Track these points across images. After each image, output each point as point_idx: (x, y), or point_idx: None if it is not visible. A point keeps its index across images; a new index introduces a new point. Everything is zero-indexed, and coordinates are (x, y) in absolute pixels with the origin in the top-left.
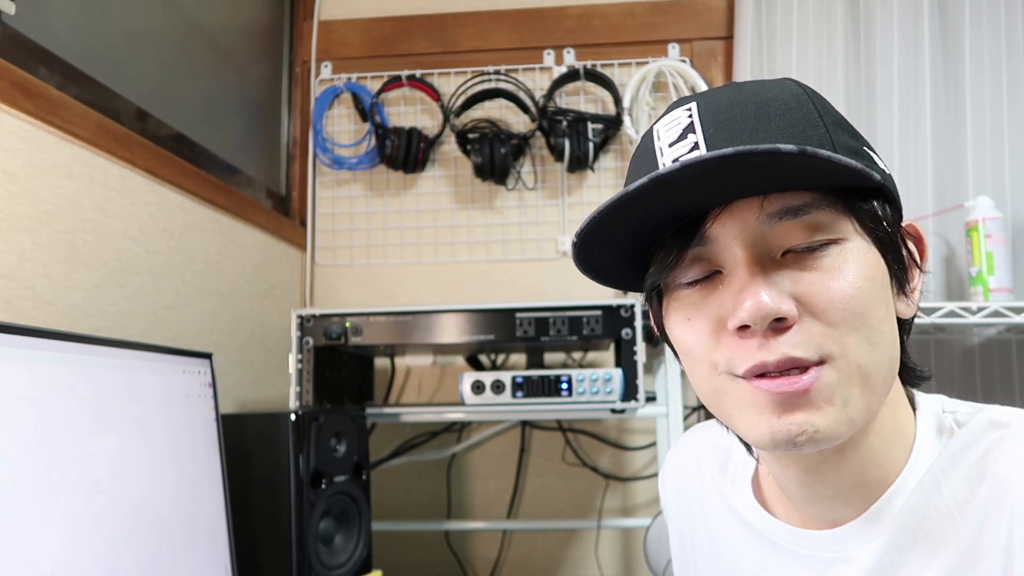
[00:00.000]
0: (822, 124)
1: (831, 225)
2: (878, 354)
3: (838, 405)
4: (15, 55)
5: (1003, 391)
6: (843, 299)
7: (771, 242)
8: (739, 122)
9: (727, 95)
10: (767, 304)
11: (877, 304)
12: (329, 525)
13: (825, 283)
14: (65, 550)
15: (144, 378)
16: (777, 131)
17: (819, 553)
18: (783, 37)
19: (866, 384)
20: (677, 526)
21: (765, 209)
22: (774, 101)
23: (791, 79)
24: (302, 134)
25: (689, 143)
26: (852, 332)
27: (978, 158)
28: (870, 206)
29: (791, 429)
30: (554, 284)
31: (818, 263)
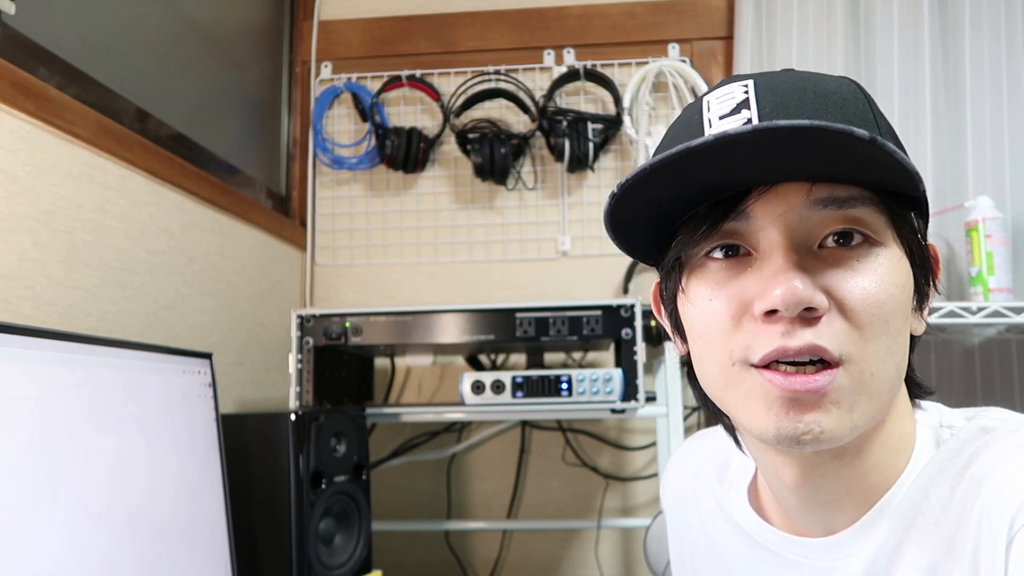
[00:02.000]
0: (875, 124)
1: (872, 225)
2: (890, 364)
3: (845, 409)
4: (15, 55)
5: (1003, 391)
6: (873, 303)
7: (811, 230)
8: (797, 105)
9: (786, 79)
10: (800, 291)
11: (900, 315)
12: (329, 525)
13: (859, 283)
14: (65, 550)
15: (144, 378)
16: (834, 120)
17: (813, 561)
18: (783, 37)
19: (874, 393)
20: (676, 532)
21: (812, 195)
22: (833, 93)
23: (848, 78)
24: (302, 134)
25: (742, 118)
26: (874, 338)
27: (978, 158)
28: (909, 215)
29: (798, 427)
30: (554, 284)
31: (853, 262)
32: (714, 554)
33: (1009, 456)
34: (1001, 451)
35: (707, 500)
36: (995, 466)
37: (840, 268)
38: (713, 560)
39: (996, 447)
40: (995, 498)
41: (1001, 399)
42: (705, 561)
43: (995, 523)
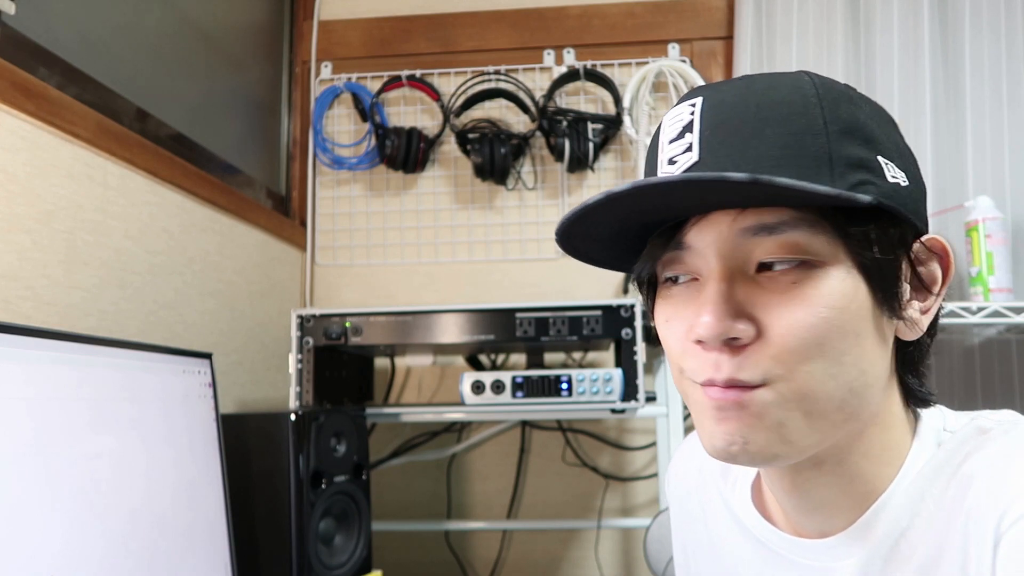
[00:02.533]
0: (824, 133)
1: (808, 246)
2: (833, 385)
3: (770, 425)
4: (15, 55)
5: (1003, 391)
6: (802, 328)
7: (745, 256)
8: (736, 127)
9: (734, 92)
10: (716, 325)
11: (843, 335)
12: (329, 525)
13: (788, 308)
14: (64, 550)
15: (144, 378)
16: (772, 139)
17: (811, 562)
18: (783, 37)
19: (811, 412)
20: (679, 527)
21: (739, 223)
22: (779, 104)
23: (808, 73)
24: (302, 134)
25: (685, 143)
26: (805, 361)
27: (978, 158)
28: (859, 229)
29: (725, 438)
30: (554, 284)
31: (785, 286)
32: (715, 550)
33: (999, 456)
34: (992, 451)
35: (711, 496)
36: (985, 466)
37: (773, 294)
38: (714, 557)
39: (989, 447)
40: (983, 498)
41: (1001, 399)
42: (706, 557)
43: (983, 524)
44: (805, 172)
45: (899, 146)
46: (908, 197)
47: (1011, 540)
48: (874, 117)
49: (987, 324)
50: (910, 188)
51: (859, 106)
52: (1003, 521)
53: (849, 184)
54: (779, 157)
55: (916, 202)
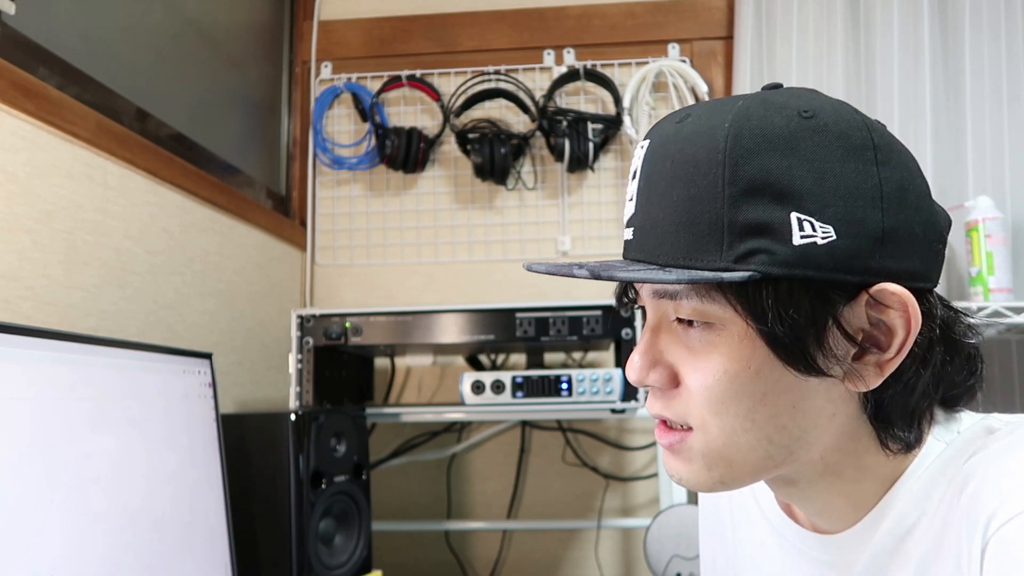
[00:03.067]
0: (722, 197)
1: (705, 312)
2: (749, 438)
3: (700, 467)
4: (15, 55)
5: (1003, 391)
6: (703, 387)
7: (664, 311)
8: (656, 184)
9: (663, 142)
10: (636, 373)
11: (743, 394)
12: (329, 525)
13: (693, 365)
14: (64, 550)
15: (143, 378)
16: (675, 203)
17: (822, 555)
18: (783, 37)
19: (730, 460)
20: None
21: (649, 286)
22: (687, 161)
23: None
24: (302, 134)
25: (632, 190)
26: (715, 415)
27: (978, 158)
28: (750, 300)
29: (668, 471)
30: (554, 284)
31: (694, 343)
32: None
33: (997, 456)
34: (992, 452)
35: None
36: (981, 466)
37: (684, 348)
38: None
39: (990, 448)
40: (974, 500)
41: (1001, 399)
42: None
43: (973, 526)
44: (697, 240)
45: (841, 189)
46: (830, 255)
47: (997, 544)
48: (813, 157)
49: (987, 324)
50: (836, 243)
51: (789, 149)
52: (992, 522)
53: (736, 255)
54: (677, 223)
55: (851, 256)
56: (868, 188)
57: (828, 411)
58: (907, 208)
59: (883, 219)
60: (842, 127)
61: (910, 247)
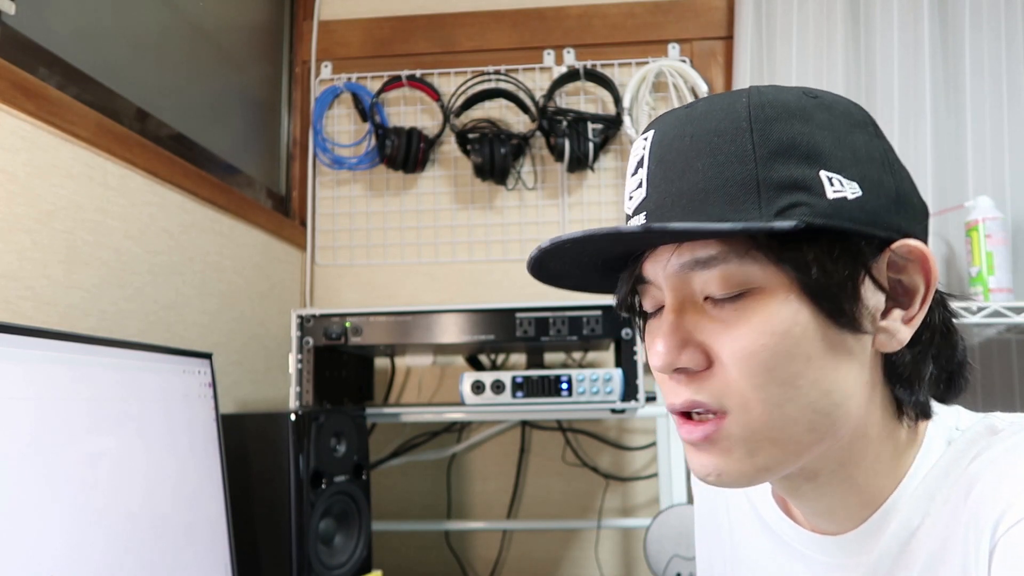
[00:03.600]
0: (752, 159)
1: (743, 276)
2: (794, 408)
3: (740, 455)
4: (15, 55)
5: (1003, 391)
6: (748, 355)
7: (691, 287)
8: (673, 161)
9: (677, 123)
10: (665, 355)
11: (790, 359)
12: (329, 525)
13: (732, 337)
14: (64, 550)
15: (144, 378)
16: (701, 172)
17: (825, 557)
18: (783, 37)
19: (779, 439)
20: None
21: (677, 259)
22: (709, 133)
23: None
24: (302, 134)
25: (637, 180)
26: (756, 389)
27: (978, 158)
28: (794, 253)
29: (700, 469)
30: None
31: (729, 315)
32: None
33: (1002, 459)
34: (997, 452)
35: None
36: (987, 468)
37: (718, 323)
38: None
39: (995, 448)
40: (981, 502)
41: (1001, 399)
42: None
43: (981, 527)
44: (731, 201)
45: (858, 152)
46: (860, 209)
47: (1006, 546)
48: (829, 125)
49: (987, 324)
50: (863, 199)
51: (806, 118)
52: (999, 526)
53: (776, 208)
54: (707, 189)
55: (876, 210)
56: (877, 154)
57: (861, 377)
58: (905, 179)
59: (893, 182)
60: (843, 106)
61: (913, 212)
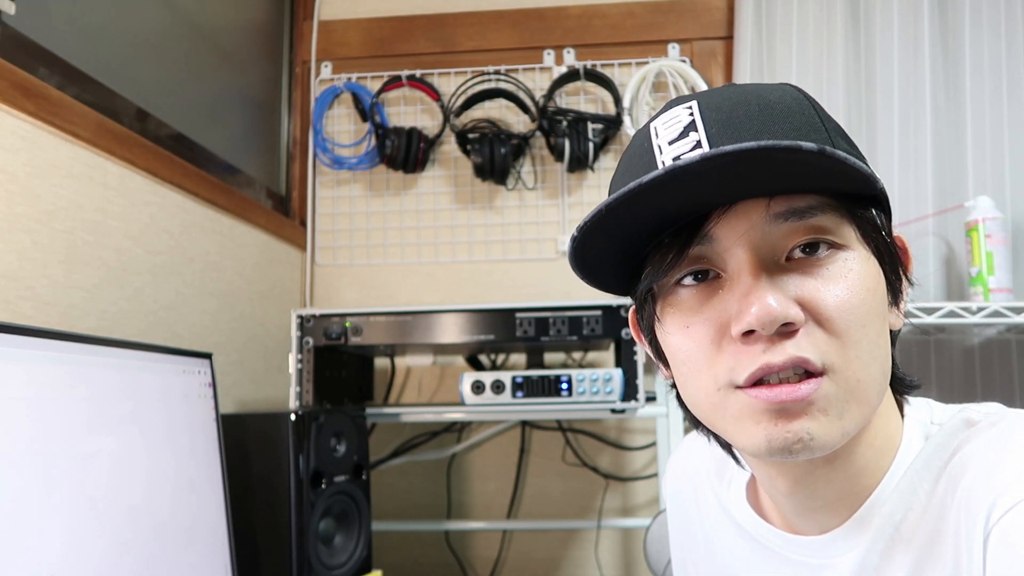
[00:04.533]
0: (824, 129)
1: (835, 230)
2: (874, 368)
3: (833, 416)
4: (15, 55)
5: (1003, 391)
6: (848, 309)
7: (775, 244)
8: (743, 121)
9: (728, 95)
10: (775, 308)
11: (876, 316)
12: (329, 525)
13: (831, 290)
14: (64, 550)
15: (143, 378)
16: (782, 132)
17: (807, 559)
18: (783, 37)
19: (862, 398)
20: (676, 527)
21: (771, 209)
22: (777, 103)
23: (790, 84)
24: (302, 134)
25: (691, 141)
26: (853, 344)
27: (978, 158)
28: (871, 215)
29: (787, 436)
30: (554, 284)
31: (822, 270)
32: (711, 549)
33: (987, 449)
34: (980, 444)
35: (707, 496)
36: (973, 459)
37: (811, 278)
38: (710, 555)
39: (976, 440)
40: (972, 492)
41: (1001, 399)
42: (702, 556)
43: (972, 518)
44: None
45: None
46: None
47: (1000, 532)
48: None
49: (987, 324)
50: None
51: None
52: (992, 513)
53: None
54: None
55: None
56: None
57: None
58: None
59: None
60: None
61: None
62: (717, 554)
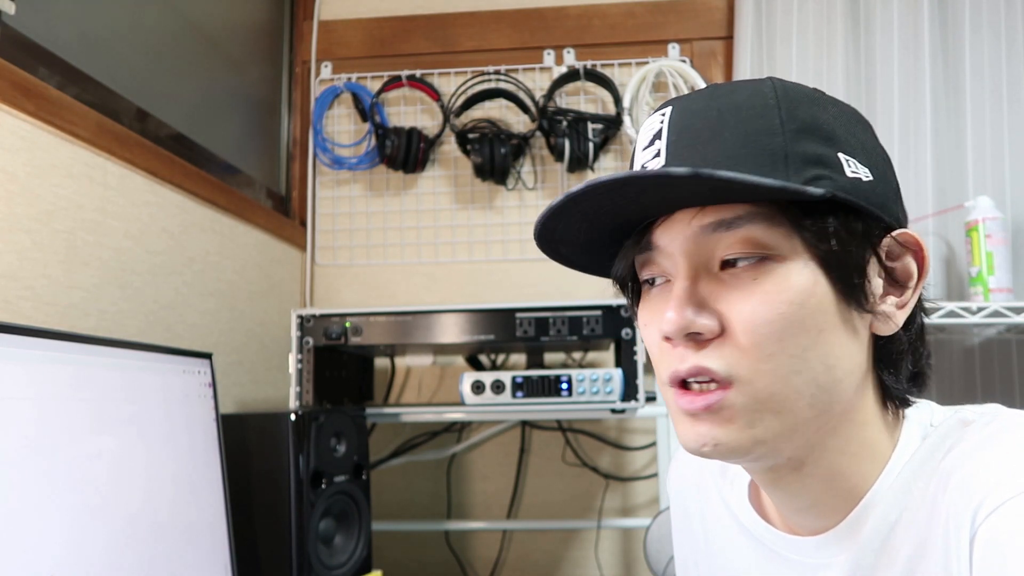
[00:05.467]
0: (781, 132)
1: (766, 240)
2: (799, 381)
3: (741, 425)
4: (15, 55)
5: (1003, 391)
6: (761, 323)
7: (708, 253)
8: (698, 131)
9: (701, 99)
10: (680, 319)
11: (802, 330)
12: (329, 525)
13: (747, 303)
14: (64, 550)
15: (143, 378)
16: (729, 140)
17: (804, 558)
18: (783, 37)
19: (780, 410)
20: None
21: (700, 220)
22: (738, 108)
23: (773, 79)
24: (302, 134)
25: (654, 150)
26: (766, 358)
27: (978, 158)
28: (815, 222)
29: (697, 439)
30: (554, 284)
31: (746, 282)
32: (713, 547)
33: (977, 449)
34: (971, 444)
35: (710, 494)
36: (963, 459)
37: (733, 290)
38: (711, 553)
39: (969, 440)
40: (960, 492)
41: (1001, 399)
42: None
43: (960, 518)
44: (760, 168)
45: (865, 145)
46: (872, 192)
47: (986, 533)
48: (840, 118)
49: (987, 324)
50: (874, 184)
51: (823, 107)
52: (978, 514)
53: (803, 179)
54: (735, 156)
55: (883, 197)
56: (880, 150)
57: (859, 356)
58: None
59: (894, 177)
60: (848, 107)
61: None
62: (718, 552)
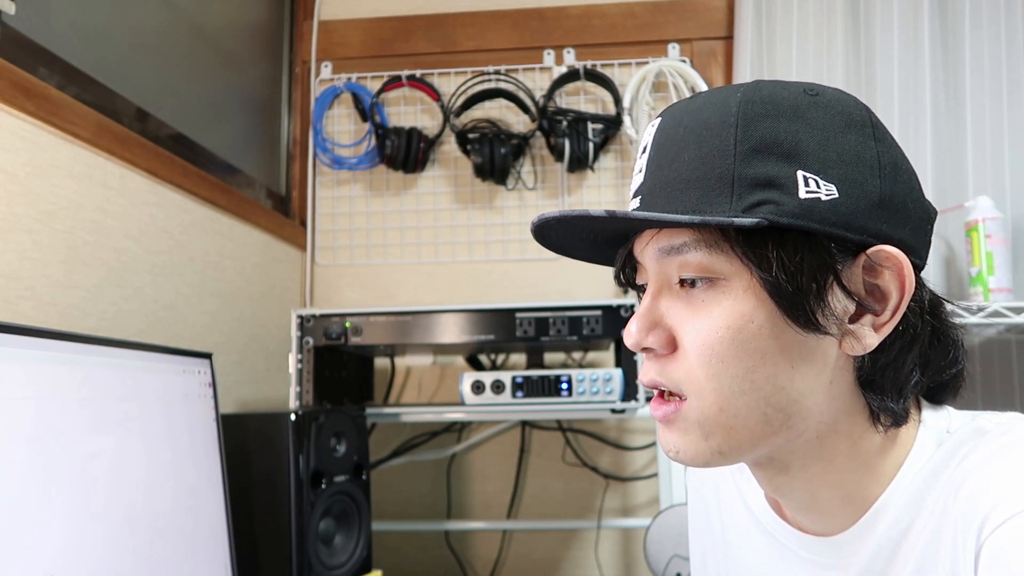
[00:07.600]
0: (732, 154)
1: (710, 265)
2: (747, 400)
3: (696, 437)
4: (15, 55)
5: (1003, 391)
6: (703, 344)
7: (668, 272)
8: (667, 149)
9: (679, 113)
10: (635, 335)
11: (744, 353)
12: (329, 525)
13: (694, 324)
14: (63, 550)
15: (144, 378)
16: (686, 162)
17: (818, 558)
18: (783, 37)
19: (733, 427)
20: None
21: (656, 244)
22: (700, 125)
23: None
24: (302, 134)
25: (640, 164)
26: (712, 378)
27: (978, 158)
28: (759, 250)
29: (664, 444)
30: (554, 284)
31: (695, 303)
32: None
33: (989, 460)
34: (984, 455)
35: (729, 489)
36: (974, 470)
37: (688, 309)
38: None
39: (982, 450)
40: (968, 504)
41: (1001, 399)
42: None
43: (967, 530)
44: (708, 193)
45: (844, 155)
46: (832, 211)
47: (991, 547)
48: (818, 125)
49: (987, 324)
50: (839, 201)
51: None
52: (984, 527)
53: (745, 204)
54: (688, 180)
55: (851, 215)
56: (867, 157)
57: (825, 377)
58: (900, 183)
59: (880, 186)
60: (843, 105)
61: (904, 218)
62: (735, 546)
